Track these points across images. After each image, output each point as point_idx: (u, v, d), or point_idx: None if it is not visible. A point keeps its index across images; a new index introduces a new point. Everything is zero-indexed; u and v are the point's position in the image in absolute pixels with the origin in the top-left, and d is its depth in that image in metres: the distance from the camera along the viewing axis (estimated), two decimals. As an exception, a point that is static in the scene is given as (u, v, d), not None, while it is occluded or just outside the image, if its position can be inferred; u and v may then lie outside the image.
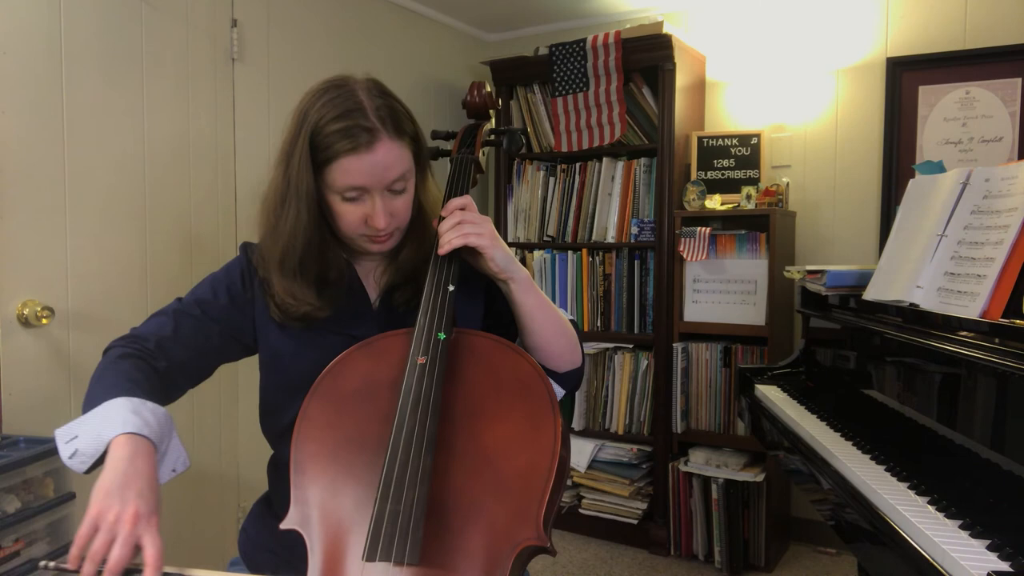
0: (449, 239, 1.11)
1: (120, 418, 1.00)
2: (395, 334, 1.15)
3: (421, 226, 1.24)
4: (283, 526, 1.02)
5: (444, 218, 1.15)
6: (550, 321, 1.19)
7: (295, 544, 1.07)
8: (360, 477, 1.02)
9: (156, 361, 1.16)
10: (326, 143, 1.11)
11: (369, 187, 1.12)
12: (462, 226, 1.11)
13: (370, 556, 0.93)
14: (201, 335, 1.21)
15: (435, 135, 1.39)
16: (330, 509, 1.01)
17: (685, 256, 2.95)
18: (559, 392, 1.27)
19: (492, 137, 1.38)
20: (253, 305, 1.22)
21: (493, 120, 1.42)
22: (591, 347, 3.17)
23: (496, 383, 1.08)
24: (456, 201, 1.15)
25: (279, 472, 1.24)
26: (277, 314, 1.19)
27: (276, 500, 1.25)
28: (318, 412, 1.09)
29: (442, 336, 1.08)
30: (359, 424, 1.07)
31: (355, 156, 1.10)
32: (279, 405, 1.22)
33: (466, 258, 1.15)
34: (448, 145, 1.36)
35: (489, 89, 1.39)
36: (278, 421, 1.22)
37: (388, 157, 1.12)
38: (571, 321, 1.27)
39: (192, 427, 2.38)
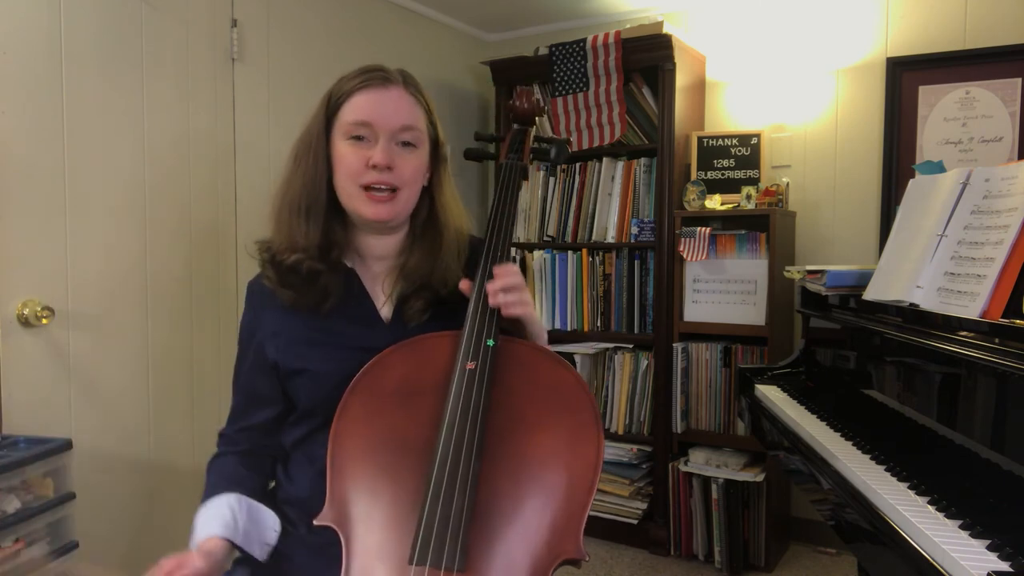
0: (510, 303, 1.11)
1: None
2: (439, 336, 1.14)
3: (434, 230, 1.23)
4: (317, 522, 1.01)
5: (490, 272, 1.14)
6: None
7: (298, 543, 1.07)
8: (402, 478, 1.01)
9: (238, 445, 1.25)
10: (340, 90, 1.16)
11: (375, 124, 1.13)
12: (523, 295, 1.12)
13: (419, 560, 0.93)
14: (262, 389, 1.23)
15: (478, 137, 1.39)
16: (369, 508, 1.00)
17: (685, 256, 2.95)
18: None
19: (538, 145, 1.38)
20: (266, 346, 1.21)
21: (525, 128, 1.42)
22: (591, 347, 3.16)
23: (542, 394, 1.08)
24: (511, 267, 1.14)
25: (288, 472, 1.24)
26: (272, 277, 1.18)
27: (281, 498, 1.25)
28: (358, 409, 1.08)
29: (491, 343, 1.08)
30: (401, 424, 1.06)
31: (365, 92, 1.15)
32: (293, 419, 1.23)
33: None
34: (491, 148, 1.36)
35: (537, 96, 1.39)
36: (289, 435, 1.23)
37: (399, 100, 1.16)
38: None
39: (192, 426, 2.38)
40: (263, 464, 1.26)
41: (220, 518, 1.12)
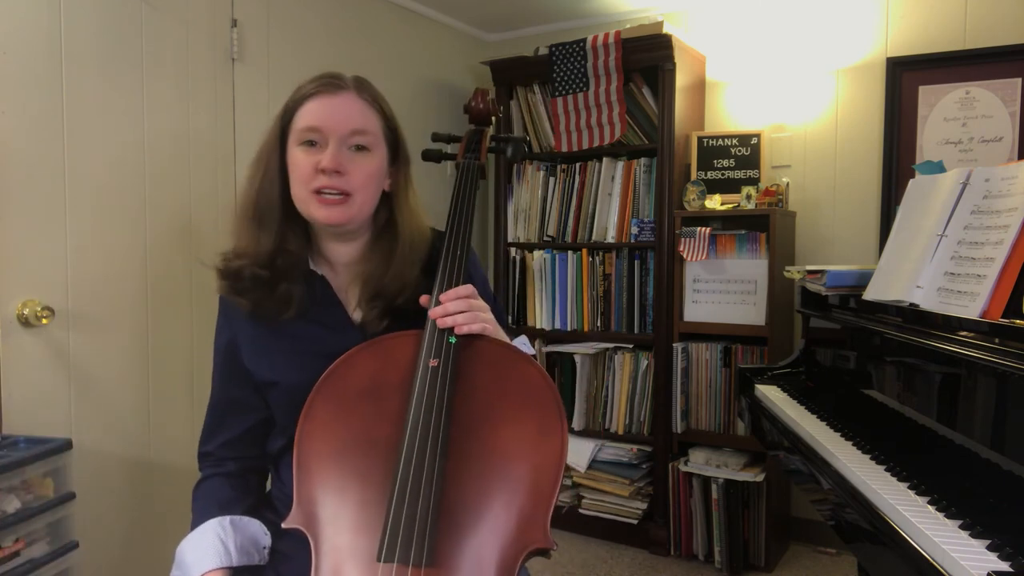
0: (465, 323, 1.10)
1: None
2: (402, 335, 1.14)
3: (390, 236, 1.22)
4: (285, 525, 1.02)
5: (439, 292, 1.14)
6: None
7: (293, 540, 1.07)
8: (368, 477, 1.02)
9: (224, 466, 1.23)
10: (293, 99, 1.17)
11: (323, 129, 1.13)
12: (475, 315, 1.11)
13: (387, 557, 0.94)
14: (239, 396, 1.23)
15: (436, 137, 1.39)
16: (337, 509, 1.01)
17: (685, 256, 2.95)
18: None
19: (495, 144, 1.38)
20: (240, 350, 1.22)
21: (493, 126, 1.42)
22: (591, 347, 3.17)
23: (506, 388, 1.09)
24: (463, 290, 1.13)
25: (279, 472, 1.24)
26: (224, 288, 1.19)
27: (275, 495, 1.25)
28: (323, 410, 1.08)
29: (453, 340, 1.09)
30: (366, 424, 1.06)
31: (316, 99, 1.15)
32: (276, 430, 1.23)
33: None
34: (449, 148, 1.36)
35: (492, 96, 1.40)
36: (273, 443, 1.23)
37: (350, 105, 1.15)
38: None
39: (192, 426, 2.38)
40: (250, 484, 1.24)
41: (211, 549, 1.12)
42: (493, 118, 1.40)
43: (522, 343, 1.32)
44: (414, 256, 1.22)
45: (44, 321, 1.92)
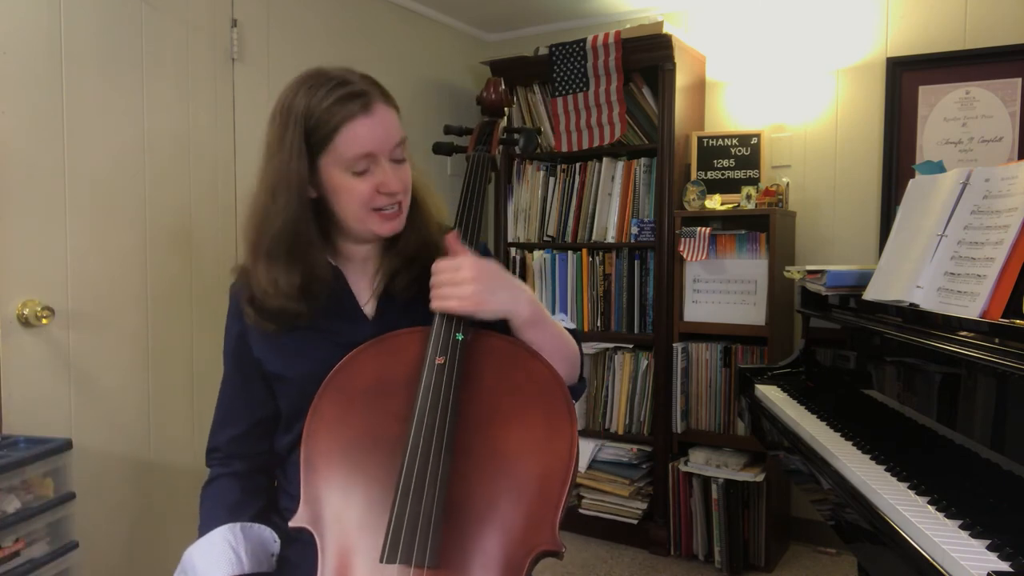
0: (432, 302, 1.08)
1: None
2: (409, 332, 1.13)
3: (415, 208, 1.24)
4: (292, 524, 1.01)
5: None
6: (554, 352, 1.15)
7: (299, 543, 1.06)
8: (374, 476, 1.01)
9: (231, 465, 1.23)
10: (323, 119, 1.10)
11: (376, 153, 1.11)
12: (441, 290, 1.07)
13: (389, 558, 0.93)
14: (249, 395, 1.24)
15: (448, 130, 1.37)
16: (343, 508, 1.00)
17: (685, 256, 2.95)
18: None
19: (506, 136, 1.36)
20: (251, 341, 1.21)
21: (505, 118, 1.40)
22: (591, 347, 3.17)
23: (514, 386, 1.07)
24: (444, 264, 1.09)
25: (286, 472, 1.24)
26: (252, 316, 1.16)
27: (283, 503, 1.25)
28: (330, 408, 1.08)
29: (460, 337, 1.07)
30: (373, 422, 1.05)
31: (357, 121, 1.09)
32: (281, 425, 1.22)
33: None
34: (461, 141, 1.35)
35: (504, 87, 1.37)
36: (279, 440, 1.23)
37: (386, 119, 1.13)
38: (572, 331, 1.25)
39: (192, 426, 2.38)
40: (259, 485, 1.24)
41: (223, 557, 1.12)
42: (506, 108, 1.37)
43: (561, 318, 1.29)
44: (441, 227, 1.24)
45: (44, 321, 1.92)
